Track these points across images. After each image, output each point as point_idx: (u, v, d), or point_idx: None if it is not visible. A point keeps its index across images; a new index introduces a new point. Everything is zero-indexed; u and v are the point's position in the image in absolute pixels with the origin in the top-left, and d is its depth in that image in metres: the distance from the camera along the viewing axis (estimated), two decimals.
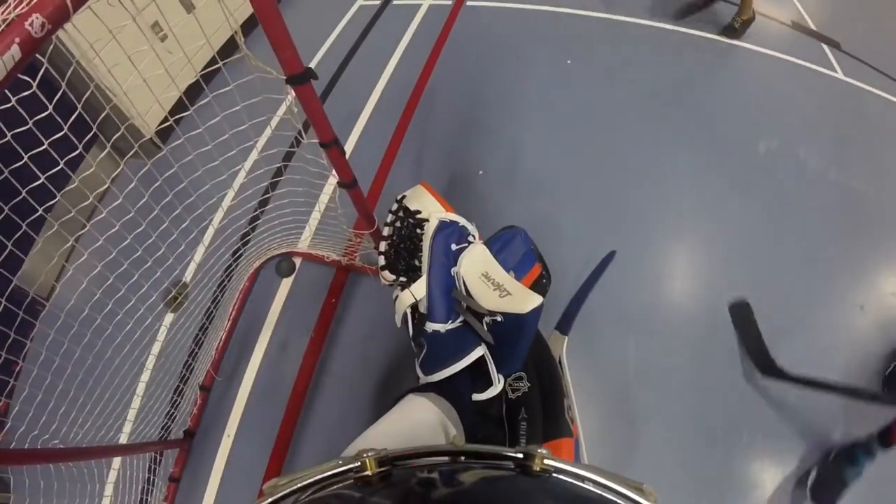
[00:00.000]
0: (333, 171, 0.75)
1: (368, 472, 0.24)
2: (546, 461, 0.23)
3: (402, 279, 0.57)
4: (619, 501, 0.22)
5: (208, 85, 0.64)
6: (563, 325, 0.97)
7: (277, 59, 0.55)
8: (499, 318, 0.53)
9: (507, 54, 1.61)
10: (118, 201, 0.64)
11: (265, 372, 1.06)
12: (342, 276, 1.17)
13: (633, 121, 1.42)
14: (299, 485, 0.24)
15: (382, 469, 0.24)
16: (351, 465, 0.24)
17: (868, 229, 1.21)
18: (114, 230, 0.66)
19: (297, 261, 1.20)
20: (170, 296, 1.05)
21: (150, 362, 1.04)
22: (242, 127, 0.71)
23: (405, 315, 0.57)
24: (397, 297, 0.58)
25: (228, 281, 1.09)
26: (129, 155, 0.64)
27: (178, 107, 0.87)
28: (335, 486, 0.24)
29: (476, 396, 0.52)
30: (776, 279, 1.11)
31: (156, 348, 1.06)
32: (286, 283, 1.17)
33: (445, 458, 0.25)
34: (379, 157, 1.38)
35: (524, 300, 0.53)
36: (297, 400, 1.02)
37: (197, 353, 1.03)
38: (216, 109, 0.66)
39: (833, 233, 1.18)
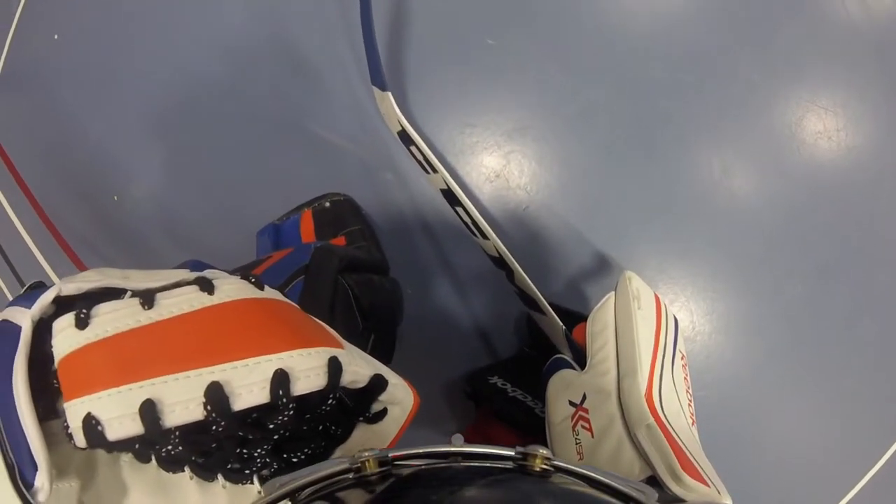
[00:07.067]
0: None
1: (368, 472, 0.23)
2: (546, 461, 0.23)
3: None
4: (620, 502, 0.22)
5: None
6: (377, 81, 0.66)
7: None
8: None
9: None
10: None
11: None
12: None
13: None
14: (297, 484, 0.23)
15: (382, 469, 0.24)
16: (350, 465, 0.24)
17: None
18: None
19: None
20: None
21: None
22: None
23: None
24: None
25: None
26: None
27: None
28: (334, 486, 0.24)
29: None
30: None
31: None
32: None
33: (445, 459, 0.25)
34: None
35: None
36: None
37: None
38: None
39: None
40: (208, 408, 0.21)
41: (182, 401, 0.21)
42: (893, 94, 0.75)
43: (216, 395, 0.21)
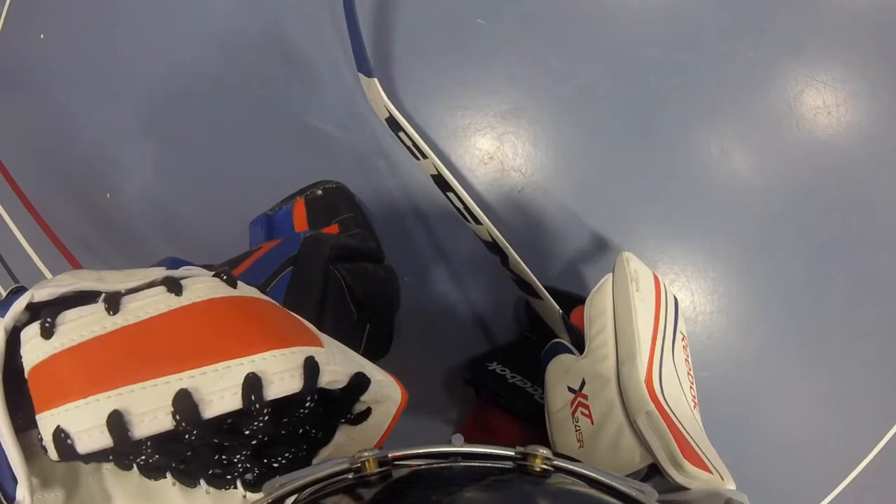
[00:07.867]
0: None
1: (368, 473, 0.23)
2: (546, 460, 0.23)
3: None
4: (620, 502, 0.22)
5: None
6: (363, 68, 0.65)
7: None
8: None
9: None
10: None
11: None
12: None
13: None
14: (297, 484, 0.23)
15: (382, 469, 0.23)
16: (350, 465, 0.23)
17: None
18: None
19: None
20: None
21: None
22: None
23: None
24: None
25: None
26: None
27: None
28: (334, 486, 0.23)
29: None
30: None
31: None
32: None
33: (445, 459, 0.24)
34: None
35: None
36: None
37: None
38: None
39: None
40: (177, 417, 0.20)
41: (150, 410, 0.20)
42: (892, 72, 0.73)
43: (185, 403, 0.20)
